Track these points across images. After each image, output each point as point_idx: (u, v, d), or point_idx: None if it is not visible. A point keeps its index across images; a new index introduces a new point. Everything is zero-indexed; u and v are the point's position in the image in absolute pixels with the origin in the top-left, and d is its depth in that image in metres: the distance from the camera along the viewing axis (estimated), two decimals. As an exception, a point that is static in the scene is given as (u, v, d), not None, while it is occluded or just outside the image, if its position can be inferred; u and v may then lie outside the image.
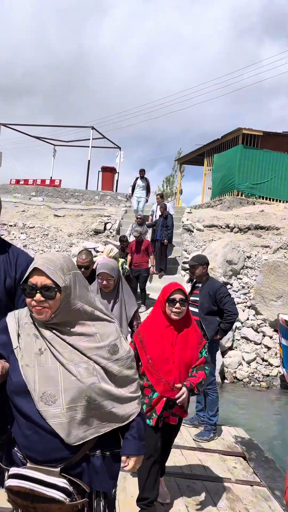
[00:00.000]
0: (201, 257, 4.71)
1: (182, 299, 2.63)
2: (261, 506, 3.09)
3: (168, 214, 10.75)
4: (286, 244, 12.06)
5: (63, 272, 1.49)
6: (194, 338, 2.73)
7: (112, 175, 17.60)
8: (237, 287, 9.99)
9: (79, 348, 1.49)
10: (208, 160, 18.86)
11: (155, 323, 2.71)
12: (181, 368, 2.63)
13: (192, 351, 2.68)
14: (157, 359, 2.61)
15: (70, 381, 1.44)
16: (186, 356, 2.65)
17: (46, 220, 13.34)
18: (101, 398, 1.48)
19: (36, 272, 1.48)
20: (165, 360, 2.61)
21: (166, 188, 32.35)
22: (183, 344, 2.65)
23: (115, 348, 1.56)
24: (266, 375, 7.83)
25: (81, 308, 1.53)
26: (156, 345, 2.64)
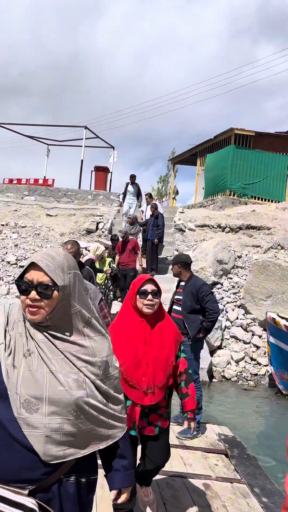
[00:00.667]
0: (178, 256, 4.78)
1: (154, 291, 2.40)
2: (239, 503, 3.13)
3: (158, 214, 10.78)
4: (277, 244, 12.12)
5: (63, 270, 1.36)
6: (170, 334, 2.48)
7: (105, 174, 17.62)
8: (227, 287, 10.03)
9: (70, 357, 1.35)
10: (201, 160, 18.91)
11: (125, 320, 2.45)
12: (156, 371, 2.37)
13: (169, 350, 2.44)
14: (129, 364, 2.34)
15: (57, 390, 1.30)
16: (162, 355, 2.40)
17: (38, 220, 13.34)
18: (87, 414, 1.34)
19: (33, 268, 1.34)
20: (138, 364, 2.35)
21: (161, 188, 32.39)
22: (158, 341, 2.41)
23: (106, 365, 1.43)
24: (254, 374, 7.87)
25: (78, 313, 1.39)
26: (127, 347, 2.36)
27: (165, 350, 2.42)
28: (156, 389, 2.37)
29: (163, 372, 2.39)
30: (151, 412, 2.43)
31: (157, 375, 2.38)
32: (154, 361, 2.37)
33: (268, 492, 3.33)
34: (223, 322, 8.90)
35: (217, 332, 8.45)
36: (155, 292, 2.41)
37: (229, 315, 9.23)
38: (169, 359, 2.42)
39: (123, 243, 9.17)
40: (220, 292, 9.85)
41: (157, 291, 2.41)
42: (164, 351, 2.41)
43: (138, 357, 2.35)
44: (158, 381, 2.37)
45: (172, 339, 2.48)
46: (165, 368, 2.40)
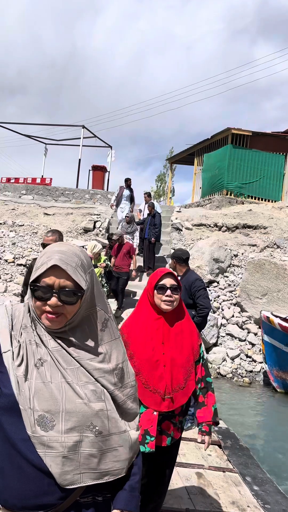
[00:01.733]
0: (174, 251, 4.91)
1: (174, 286, 2.17)
2: (231, 491, 3.22)
3: (156, 213, 10.88)
4: (273, 243, 12.24)
5: (85, 270, 1.20)
6: (191, 335, 2.25)
7: (102, 174, 17.71)
8: (223, 285, 10.13)
9: (86, 366, 1.20)
10: (198, 160, 19.01)
11: (142, 318, 2.21)
12: (173, 373, 2.12)
13: (189, 352, 2.20)
14: (145, 364, 2.10)
15: (75, 404, 1.15)
16: (181, 358, 2.16)
17: (36, 219, 13.41)
18: (108, 431, 1.19)
19: (53, 271, 1.17)
20: (155, 364, 2.11)
21: (158, 187, 32.49)
22: (177, 341, 2.17)
23: (122, 373, 1.29)
24: (249, 371, 7.97)
25: (97, 315, 1.26)
26: (143, 347, 2.12)
27: (184, 352, 2.17)
28: (175, 394, 2.12)
29: (181, 375, 2.14)
30: (164, 419, 2.16)
31: (175, 378, 2.12)
32: (172, 364, 2.13)
33: (259, 480, 3.42)
34: (219, 320, 9.00)
35: (212, 330, 8.55)
36: (175, 287, 2.17)
37: (225, 313, 9.33)
38: (188, 363, 2.18)
39: (119, 246, 9.06)
40: (216, 290, 9.95)
41: (176, 286, 2.18)
42: (184, 353, 2.17)
43: (155, 358, 2.11)
44: (176, 384, 2.12)
45: (192, 341, 2.23)
46: (184, 372, 2.15)
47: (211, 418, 2.24)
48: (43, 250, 1.25)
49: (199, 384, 2.26)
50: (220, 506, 2.96)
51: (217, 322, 8.79)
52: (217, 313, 9.32)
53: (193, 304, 4.53)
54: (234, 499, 3.10)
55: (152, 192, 30.81)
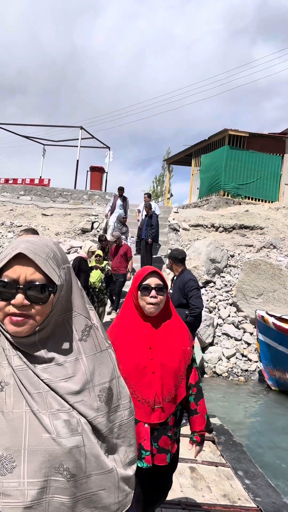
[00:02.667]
0: (171, 251, 5.01)
1: (159, 286, 1.97)
2: (223, 485, 3.31)
3: (153, 214, 10.97)
4: (269, 244, 12.35)
5: (58, 264, 1.00)
6: (181, 337, 2.06)
7: (100, 174, 17.79)
8: (220, 285, 10.23)
9: (59, 390, 0.97)
10: (195, 161, 19.12)
11: (126, 321, 2.03)
12: (164, 380, 1.95)
13: (180, 356, 2.02)
14: (132, 371, 1.92)
15: (40, 440, 0.92)
16: (171, 363, 1.98)
17: (34, 219, 13.50)
18: (85, 472, 0.96)
19: (18, 261, 0.96)
20: (142, 371, 1.93)
21: (156, 188, 32.58)
22: (166, 346, 1.99)
23: (109, 394, 1.05)
24: (244, 370, 8.08)
25: (74, 321, 1.04)
26: (129, 352, 1.94)
27: (174, 356, 2.00)
28: (165, 403, 1.94)
29: (172, 382, 1.97)
30: (160, 435, 1.96)
31: (166, 385, 1.95)
32: (162, 369, 1.95)
33: (251, 474, 3.52)
34: (215, 320, 9.10)
35: (208, 329, 8.64)
36: (160, 287, 1.98)
37: (221, 313, 9.43)
38: (179, 368, 2.01)
39: (116, 248, 9.07)
40: (213, 291, 10.05)
41: (162, 286, 1.99)
42: (174, 357, 2.00)
43: (142, 364, 1.94)
44: (166, 392, 1.94)
45: (183, 344, 2.05)
46: (175, 378, 1.98)
47: (203, 428, 2.10)
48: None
49: (191, 390, 2.09)
50: (211, 499, 3.06)
51: (213, 322, 8.89)
52: (214, 313, 9.42)
53: (187, 304, 4.62)
54: (225, 492, 3.20)
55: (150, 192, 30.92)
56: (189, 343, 2.08)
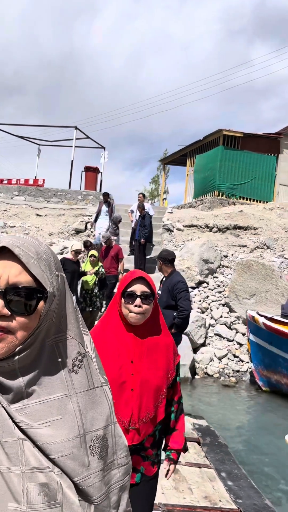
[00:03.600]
0: (161, 252, 5.01)
1: (146, 293, 1.77)
2: (204, 486, 3.31)
3: (146, 214, 10.96)
4: (263, 244, 12.36)
5: (50, 268, 0.78)
6: (166, 351, 1.88)
7: (95, 175, 17.78)
8: (213, 286, 10.23)
9: (38, 438, 0.73)
10: (190, 161, 19.13)
11: (109, 329, 1.85)
12: (143, 399, 1.78)
13: (164, 372, 1.84)
14: (110, 385, 1.62)
15: (5, 510, 0.69)
16: (154, 379, 1.81)
17: (28, 220, 13.47)
18: None
19: (1, 258, 0.74)
20: (121, 387, 1.76)
21: (152, 189, 32.60)
22: (150, 360, 1.82)
23: (104, 445, 0.81)
24: (236, 371, 8.07)
25: (65, 346, 0.80)
26: (109, 363, 1.75)
27: (158, 372, 1.83)
28: (142, 424, 1.77)
29: (152, 401, 1.80)
30: (132, 453, 1.70)
31: (144, 405, 1.79)
32: (142, 386, 1.78)
33: (234, 476, 3.52)
34: (207, 320, 9.10)
35: (200, 330, 8.64)
36: (147, 295, 1.77)
37: (213, 313, 9.43)
38: (162, 386, 1.84)
39: (106, 249, 8.93)
40: (206, 291, 10.05)
41: (149, 294, 1.78)
42: (157, 373, 1.83)
43: (121, 378, 1.76)
44: (144, 413, 1.78)
45: (168, 358, 1.88)
46: (155, 397, 1.81)
47: (181, 446, 1.98)
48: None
49: (173, 406, 1.95)
50: (192, 501, 3.05)
51: (205, 323, 8.88)
52: (206, 313, 9.42)
53: (175, 306, 4.62)
54: (207, 493, 3.19)
55: (145, 192, 30.94)
56: (175, 358, 1.91)
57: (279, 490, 4.17)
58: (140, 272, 1.84)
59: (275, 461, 4.70)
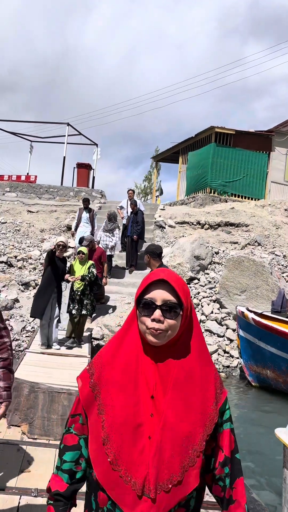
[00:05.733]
0: (148, 246, 5.03)
1: (170, 303, 1.24)
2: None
3: (138, 210, 10.96)
4: (254, 241, 12.42)
5: None
6: (203, 386, 1.26)
7: (87, 171, 17.73)
8: (204, 282, 10.26)
9: None
10: (182, 158, 19.14)
11: (124, 349, 1.30)
12: (165, 453, 1.18)
13: (198, 415, 1.23)
14: (120, 428, 1.21)
15: None
16: (183, 425, 1.21)
17: (19, 216, 13.41)
18: None
19: None
20: (135, 431, 1.20)
21: (145, 186, 32.58)
22: (178, 396, 1.23)
23: None
24: (226, 366, 8.12)
25: None
26: (121, 396, 1.24)
27: (190, 415, 1.23)
28: (161, 493, 1.16)
29: (178, 458, 1.18)
30: None
31: (167, 462, 1.18)
32: (165, 434, 1.20)
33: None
34: (198, 316, 9.13)
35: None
36: (171, 305, 1.24)
37: (204, 310, 9.47)
38: (195, 435, 1.21)
39: (89, 252, 8.41)
40: (197, 287, 10.08)
41: (174, 304, 1.24)
42: (189, 417, 1.22)
43: (137, 420, 1.21)
44: (165, 475, 1.17)
45: (206, 395, 1.26)
46: (184, 451, 1.19)
47: None
48: None
49: (224, 465, 1.26)
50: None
51: (196, 319, 8.91)
52: (197, 309, 9.46)
53: None
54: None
55: (137, 189, 30.91)
56: (216, 395, 1.27)
57: (267, 484, 4.21)
58: (166, 273, 1.29)
59: (264, 456, 4.74)
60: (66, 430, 1.32)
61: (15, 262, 10.48)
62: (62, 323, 7.40)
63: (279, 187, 17.04)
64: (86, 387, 1.30)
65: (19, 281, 9.75)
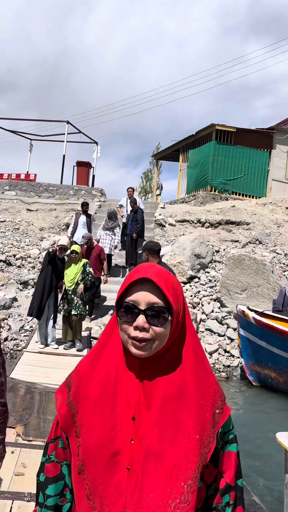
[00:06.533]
0: (146, 243, 4.96)
1: (156, 307, 1.00)
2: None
3: (138, 208, 10.86)
4: (255, 239, 12.32)
5: None
6: (198, 404, 1.02)
7: (87, 170, 17.65)
8: (204, 281, 10.17)
9: None
10: (183, 156, 19.04)
11: (103, 361, 1.08)
12: (145, 488, 0.95)
13: (191, 441, 0.98)
14: (94, 455, 1.01)
15: None
16: (170, 453, 0.97)
17: (18, 214, 13.34)
18: None
19: None
20: (111, 460, 0.99)
21: (145, 184, 32.46)
22: (165, 419, 0.99)
23: None
24: (227, 366, 8.02)
25: None
26: (97, 417, 1.04)
27: (180, 441, 0.98)
28: None
29: (165, 496, 0.94)
30: None
31: (150, 503, 0.94)
32: (147, 464, 0.97)
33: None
34: (198, 315, 9.04)
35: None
36: (158, 309, 1.00)
37: (204, 308, 9.37)
38: (187, 466, 0.96)
39: (88, 250, 8.42)
40: (197, 286, 9.99)
41: (162, 308, 1.00)
42: (178, 443, 0.98)
43: (113, 446, 1.00)
44: (147, 508, 0.94)
45: (201, 416, 1.01)
46: (173, 487, 0.95)
47: None
48: None
49: (225, 494, 1.04)
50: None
51: (196, 318, 8.82)
52: (197, 308, 9.36)
53: None
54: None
55: (139, 188, 30.82)
56: (213, 418, 1.02)
57: (267, 487, 4.12)
58: (152, 269, 1.03)
59: (264, 458, 4.65)
60: (46, 458, 1.11)
61: (14, 261, 10.40)
62: (59, 323, 7.30)
63: (280, 185, 16.93)
64: (63, 405, 1.10)
65: (17, 280, 9.67)
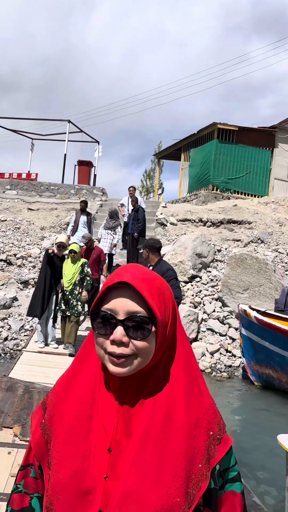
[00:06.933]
0: (147, 240, 4.92)
1: (136, 317, 0.82)
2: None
3: (139, 207, 10.80)
4: (257, 238, 12.24)
5: None
6: (189, 435, 0.83)
7: (88, 169, 17.60)
8: (206, 280, 10.10)
9: None
10: (185, 155, 18.97)
11: (79, 381, 0.92)
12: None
13: (176, 480, 0.79)
14: (62, 492, 0.84)
15: None
16: (151, 493, 0.78)
17: (19, 214, 13.30)
18: None
19: None
20: (81, 499, 0.82)
21: (146, 184, 32.39)
22: (147, 452, 0.81)
23: None
24: (228, 366, 7.96)
25: None
26: (69, 447, 0.87)
27: (164, 479, 0.80)
28: None
29: None
30: None
31: None
32: (122, 508, 0.79)
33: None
34: (199, 315, 8.97)
35: (192, 325, 8.52)
36: (139, 320, 0.83)
37: (206, 308, 9.30)
38: (171, 510, 0.78)
39: (87, 251, 8.17)
40: (199, 285, 9.92)
41: (144, 318, 0.83)
42: (162, 482, 0.80)
43: (85, 483, 0.83)
44: None
45: (191, 449, 0.83)
46: None
47: None
48: None
49: None
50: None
51: (197, 317, 8.76)
52: (199, 308, 9.30)
53: None
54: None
55: (141, 188, 30.76)
56: (207, 451, 0.86)
57: (268, 488, 4.06)
58: (132, 272, 0.87)
59: (265, 459, 4.59)
60: (14, 487, 0.96)
61: (15, 260, 10.36)
62: (59, 323, 7.24)
63: (282, 184, 16.84)
64: (37, 429, 0.94)
65: (18, 279, 9.62)
